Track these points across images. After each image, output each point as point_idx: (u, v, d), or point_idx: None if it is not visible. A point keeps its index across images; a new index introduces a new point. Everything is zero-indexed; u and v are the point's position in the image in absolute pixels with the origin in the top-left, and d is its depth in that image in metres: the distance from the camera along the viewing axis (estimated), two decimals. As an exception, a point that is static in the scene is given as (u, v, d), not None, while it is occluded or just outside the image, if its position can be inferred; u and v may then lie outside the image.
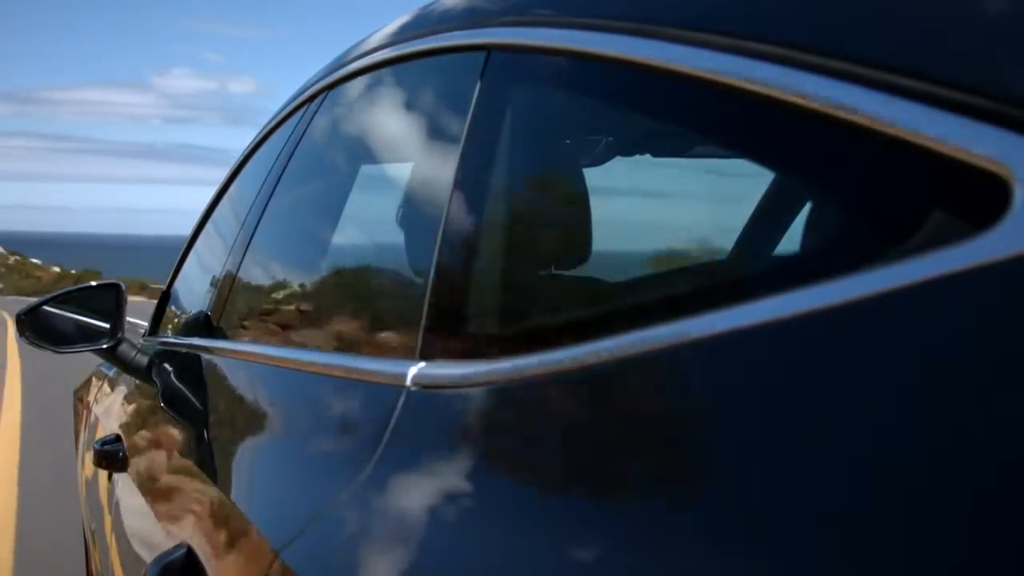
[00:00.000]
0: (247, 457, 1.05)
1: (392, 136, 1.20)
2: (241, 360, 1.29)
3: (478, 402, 0.68)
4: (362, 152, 1.37)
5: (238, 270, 1.47)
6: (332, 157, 1.41)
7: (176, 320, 2.02)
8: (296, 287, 1.40)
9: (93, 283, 1.89)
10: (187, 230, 2.14)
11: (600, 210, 0.96)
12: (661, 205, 1.47)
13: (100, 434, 2.02)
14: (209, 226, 1.99)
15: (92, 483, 2.20)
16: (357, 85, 1.23)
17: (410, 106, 1.12)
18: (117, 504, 1.73)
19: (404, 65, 1.09)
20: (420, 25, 1.05)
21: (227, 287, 1.51)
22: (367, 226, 1.48)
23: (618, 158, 1.08)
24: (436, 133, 1.00)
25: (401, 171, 1.17)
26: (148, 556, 1.25)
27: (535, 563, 0.54)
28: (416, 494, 0.69)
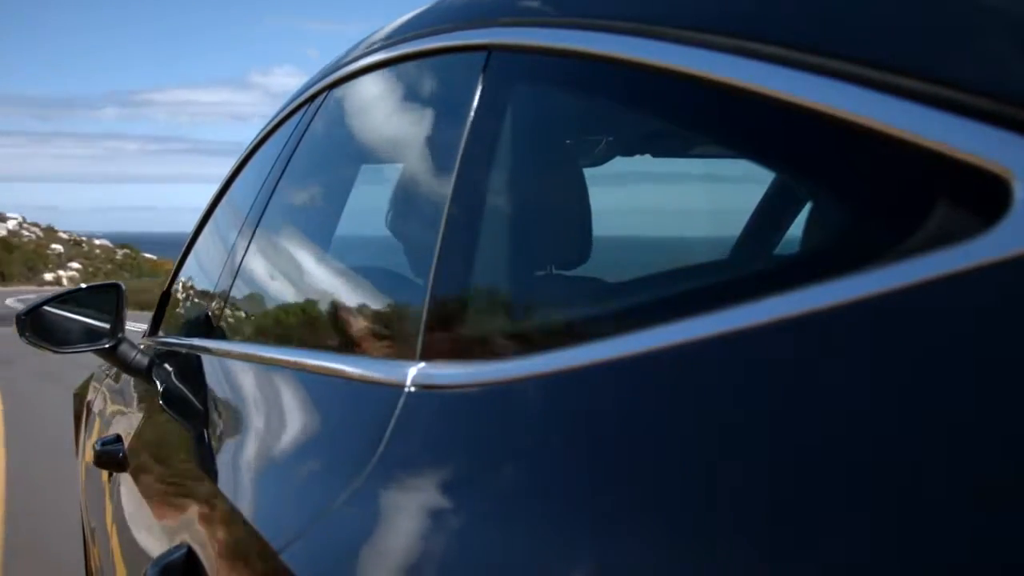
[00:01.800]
0: (247, 457, 1.05)
1: (392, 136, 1.20)
2: (241, 360, 1.29)
3: (478, 403, 0.68)
4: (362, 152, 1.37)
5: (238, 270, 1.47)
6: (332, 157, 1.41)
7: (176, 320, 2.02)
8: (296, 287, 1.40)
9: (93, 283, 1.89)
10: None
11: (600, 210, 0.96)
12: (661, 205, 1.47)
13: (100, 434, 2.02)
14: (210, 226, 1.99)
15: (92, 483, 2.20)
16: (358, 85, 1.23)
17: (410, 106, 1.12)
18: (117, 504, 1.73)
19: (404, 65, 1.09)
20: (420, 25, 1.05)
21: (227, 287, 1.51)
22: (367, 226, 1.48)
23: (618, 158, 1.09)
24: (436, 133, 1.00)
25: (401, 171, 1.17)
26: (148, 556, 1.25)
27: (535, 564, 0.54)
28: (416, 495, 0.69)
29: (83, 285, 1.91)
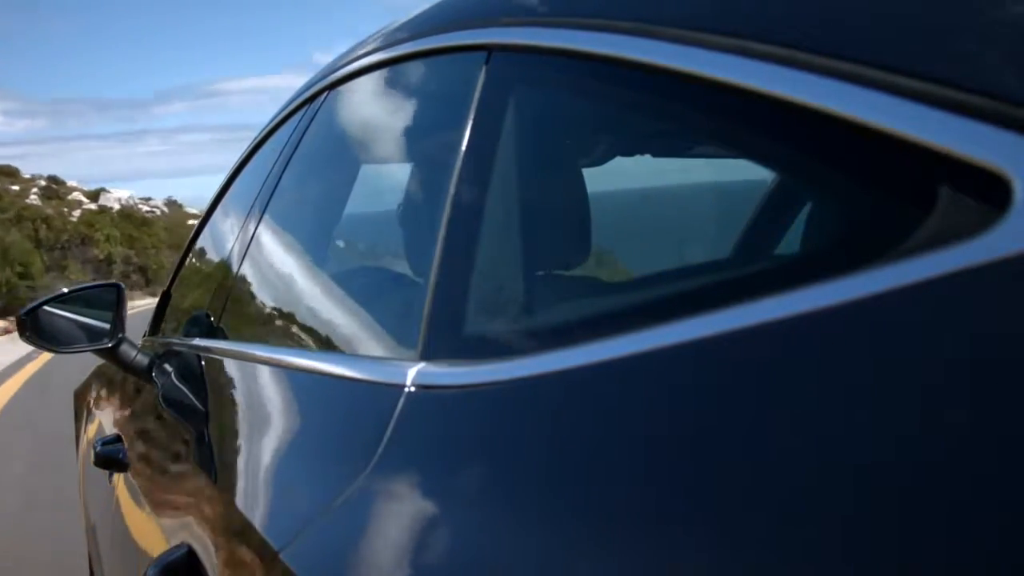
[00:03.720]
0: (247, 457, 1.05)
1: (393, 136, 1.20)
2: (241, 360, 1.29)
3: (479, 403, 0.68)
4: (363, 152, 1.37)
5: (239, 270, 1.47)
6: (333, 157, 1.41)
7: (176, 320, 2.02)
8: (296, 287, 1.40)
9: (93, 283, 1.89)
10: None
11: (600, 210, 0.96)
12: (661, 205, 1.47)
13: (100, 434, 2.02)
14: (211, 226, 1.99)
15: (92, 483, 2.20)
16: (358, 85, 1.23)
17: (411, 106, 1.12)
18: (117, 504, 1.73)
19: (405, 65, 1.09)
20: (420, 25, 1.05)
21: (228, 287, 1.51)
22: (368, 226, 1.48)
23: (618, 158, 1.09)
24: (437, 133, 1.00)
25: (402, 171, 1.17)
26: (148, 556, 1.25)
27: (536, 564, 0.54)
28: (416, 495, 0.69)
29: (83, 285, 1.91)
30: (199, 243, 2.04)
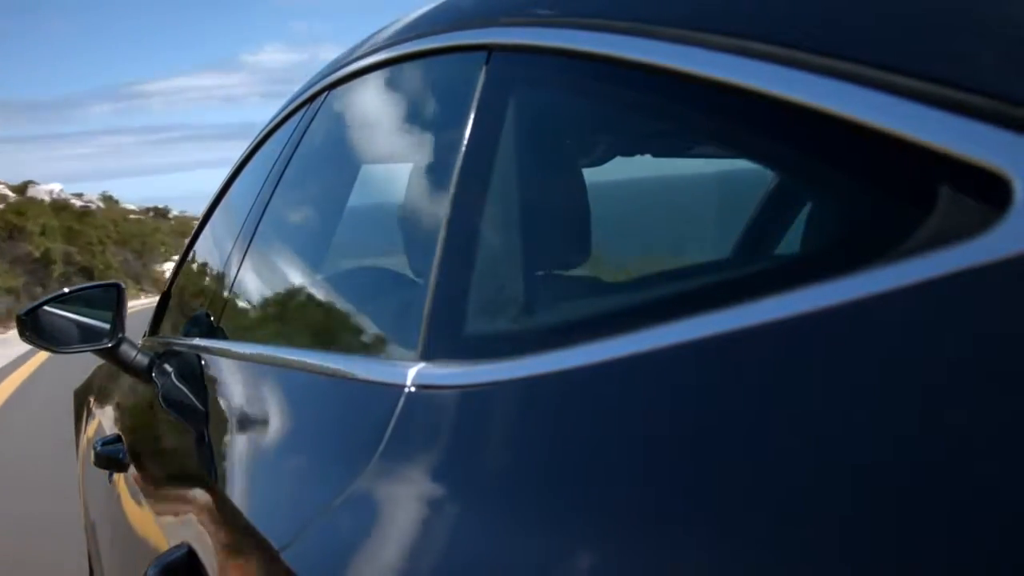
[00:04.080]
0: (247, 457, 1.05)
1: (393, 136, 1.20)
2: (241, 360, 1.29)
3: (479, 403, 0.68)
4: (362, 152, 1.37)
5: (239, 270, 1.47)
6: (333, 157, 1.41)
7: (176, 320, 2.02)
8: (296, 287, 1.40)
9: (94, 283, 1.90)
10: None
11: (600, 210, 0.96)
12: (661, 205, 1.47)
13: (100, 434, 2.02)
14: (210, 226, 1.99)
15: (92, 483, 2.20)
16: (358, 85, 1.23)
17: (411, 106, 1.12)
18: (117, 504, 1.73)
19: (404, 65, 1.09)
20: (420, 25, 1.05)
21: (228, 287, 1.51)
22: (368, 226, 1.48)
23: (618, 158, 1.08)
24: (437, 133, 1.00)
25: (402, 171, 1.17)
26: (148, 556, 1.25)
27: (535, 564, 0.54)
28: (416, 495, 0.69)
29: (83, 285, 1.91)
30: (199, 243, 2.04)
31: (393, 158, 1.30)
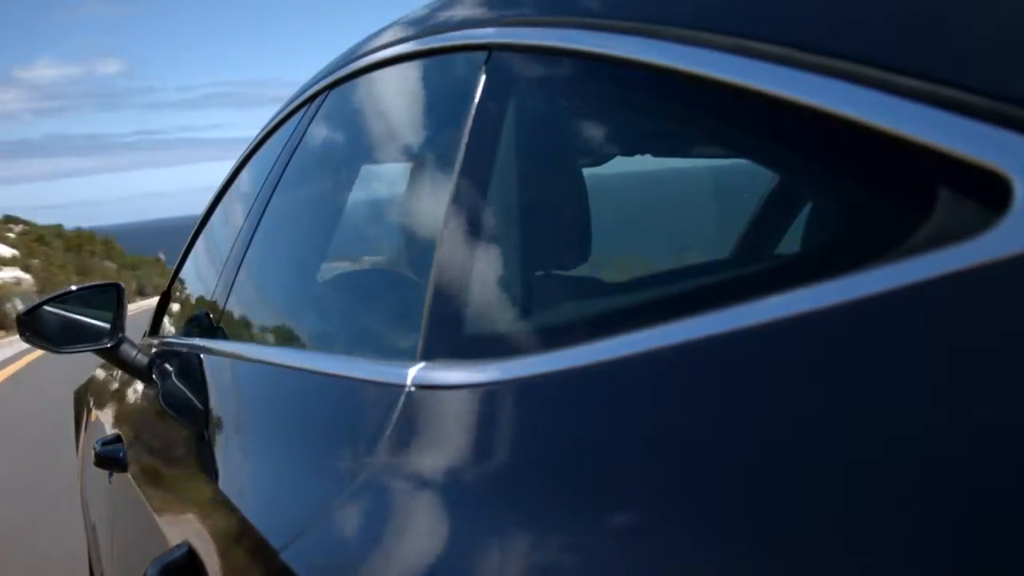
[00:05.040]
0: (247, 457, 1.05)
1: (392, 136, 1.20)
2: (241, 360, 1.29)
3: (478, 403, 0.68)
4: (362, 152, 1.37)
5: (239, 270, 1.47)
6: (332, 157, 1.41)
7: (176, 320, 2.02)
8: (296, 287, 1.40)
9: (94, 283, 1.90)
10: (84, 221, 2.07)
11: (600, 210, 0.96)
12: (661, 205, 1.47)
13: (100, 434, 2.02)
14: (210, 226, 1.99)
15: (92, 483, 2.20)
16: (358, 85, 1.23)
17: (411, 106, 1.12)
18: (117, 504, 1.73)
19: (405, 65, 1.09)
20: (420, 25, 1.05)
21: (228, 287, 1.51)
22: (368, 226, 1.48)
23: (618, 158, 1.09)
24: (437, 133, 1.00)
25: (401, 171, 1.17)
26: (148, 556, 1.25)
27: (535, 563, 0.54)
28: (416, 495, 0.69)
29: (83, 285, 1.91)
30: (199, 242, 2.04)
31: (393, 158, 1.31)
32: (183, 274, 2.13)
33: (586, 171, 1.00)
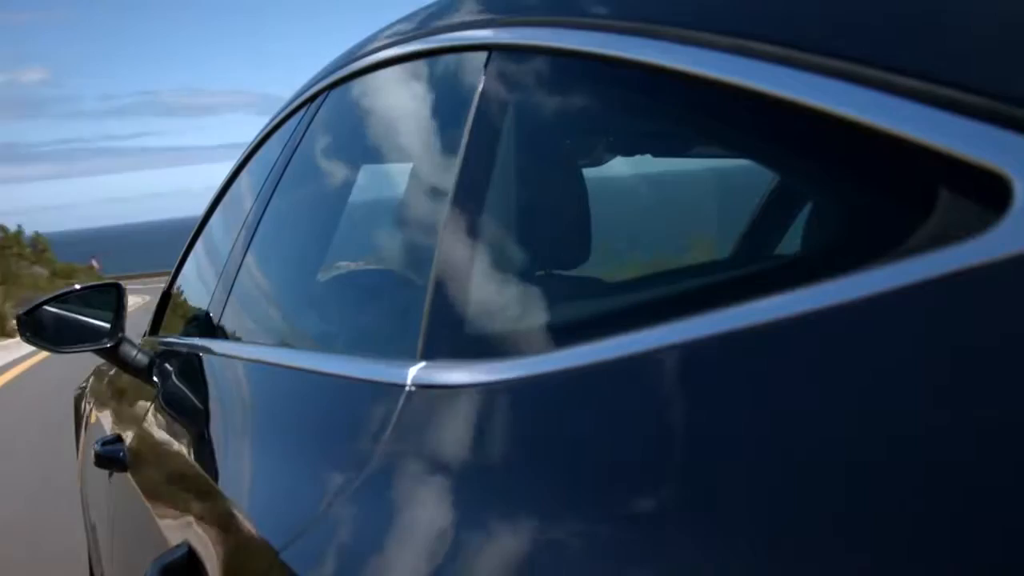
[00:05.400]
0: (247, 457, 1.05)
1: (393, 136, 1.20)
2: (241, 360, 1.29)
3: (478, 403, 0.68)
4: (363, 152, 1.37)
5: (239, 270, 1.47)
6: (333, 157, 1.41)
7: (176, 320, 2.02)
8: (296, 287, 1.40)
9: (93, 283, 1.90)
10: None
11: (600, 210, 0.96)
12: (661, 205, 1.47)
13: (100, 434, 2.02)
14: (210, 226, 1.99)
15: (92, 483, 2.20)
16: (358, 85, 1.23)
17: (411, 106, 1.12)
18: (117, 504, 1.73)
19: (405, 65, 1.09)
20: (420, 25, 1.05)
21: (228, 287, 1.51)
22: (368, 226, 1.49)
23: (618, 158, 1.09)
24: (437, 133, 1.00)
25: (402, 171, 1.17)
26: (148, 556, 1.25)
27: (535, 563, 0.54)
28: (416, 495, 0.69)
29: (83, 285, 1.91)
30: (199, 242, 2.04)
31: (393, 158, 1.30)
32: (183, 274, 2.13)
33: (586, 171, 1.00)
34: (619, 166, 1.09)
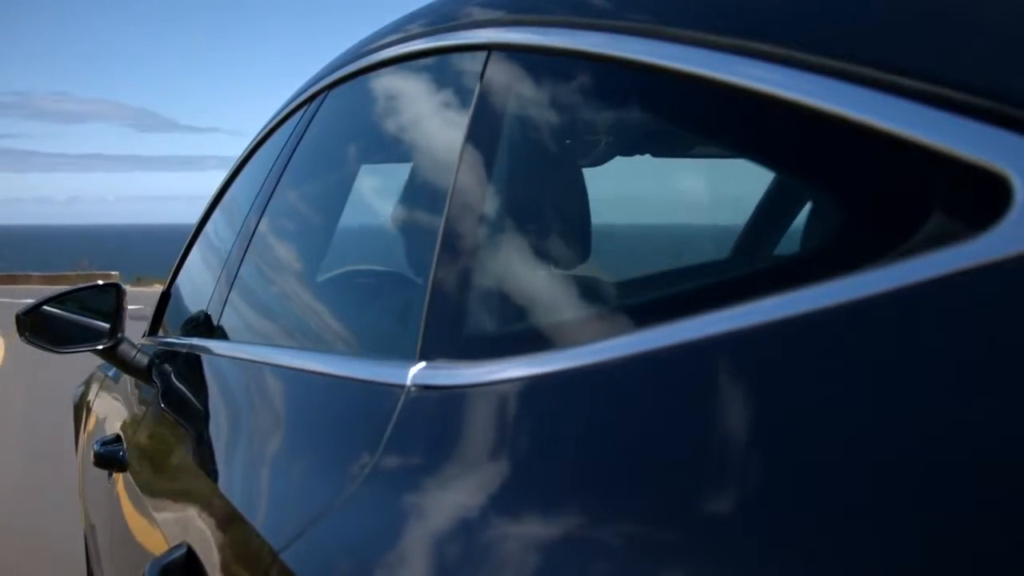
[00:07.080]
0: (247, 457, 1.05)
1: (392, 136, 1.20)
2: (241, 360, 1.29)
3: (478, 402, 0.68)
4: (362, 152, 1.37)
5: (238, 270, 1.47)
6: (332, 157, 1.41)
7: (176, 320, 2.02)
8: (296, 287, 1.40)
9: (93, 283, 1.90)
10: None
11: (600, 210, 0.96)
12: (661, 205, 1.48)
13: (100, 434, 2.02)
14: (210, 226, 1.99)
15: (92, 483, 2.20)
16: (357, 85, 1.23)
17: (410, 106, 1.12)
18: (117, 504, 1.73)
19: (404, 65, 1.09)
20: (420, 25, 1.05)
21: (227, 287, 1.51)
22: (367, 226, 1.49)
23: (618, 158, 1.09)
24: (436, 133, 1.00)
25: (401, 171, 1.17)
26: (148, 556, 1.25)
27: (535, 562, 0.54)
28: (416, 495, 0.69)
29: (83, 285, 1.91)
30: (198, 242, 2.04)
31: (392, 158, 1.31)
32: (183, 273, 2.13)
33: (586, 171, 1.00)
34: (619, 166, 1.09)
